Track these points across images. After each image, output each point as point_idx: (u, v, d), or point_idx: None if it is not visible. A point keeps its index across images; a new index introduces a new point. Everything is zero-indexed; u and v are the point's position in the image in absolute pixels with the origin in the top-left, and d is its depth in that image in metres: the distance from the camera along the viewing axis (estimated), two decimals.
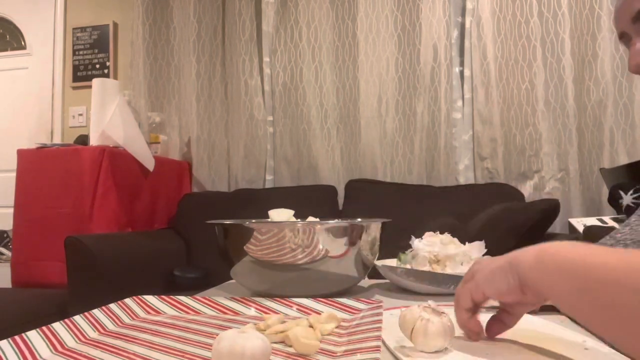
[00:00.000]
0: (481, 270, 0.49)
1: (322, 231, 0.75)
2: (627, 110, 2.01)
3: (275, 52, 2.47)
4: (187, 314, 0.68)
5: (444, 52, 2.23)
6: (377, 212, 1.89)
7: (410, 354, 0.48)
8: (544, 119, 2.11)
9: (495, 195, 1.98)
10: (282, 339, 0.53)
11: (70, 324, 0.56)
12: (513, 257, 0.46)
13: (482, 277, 0.49)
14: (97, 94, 1.98)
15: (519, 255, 0.46)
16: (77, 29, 2.84)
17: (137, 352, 0.50)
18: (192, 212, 2.22)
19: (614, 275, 0.35)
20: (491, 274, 0.48)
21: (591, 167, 2.07)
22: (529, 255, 0.45)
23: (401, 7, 2.32)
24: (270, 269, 0.76)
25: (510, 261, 0.46)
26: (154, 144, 2.43)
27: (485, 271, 0.48)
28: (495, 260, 0.48)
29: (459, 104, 2.25)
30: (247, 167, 2.47)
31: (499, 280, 0.47)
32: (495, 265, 0.48)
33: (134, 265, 1.74)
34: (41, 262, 1.82)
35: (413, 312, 0.50)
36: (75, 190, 1.82)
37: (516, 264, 0.45)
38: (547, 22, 2.13)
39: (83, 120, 2.80)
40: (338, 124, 2.40)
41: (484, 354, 0.48)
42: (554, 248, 0.43)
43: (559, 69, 2.11)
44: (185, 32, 2.53)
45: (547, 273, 0.42)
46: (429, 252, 0.86)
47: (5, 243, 2.45)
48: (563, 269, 0.40)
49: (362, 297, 0.72)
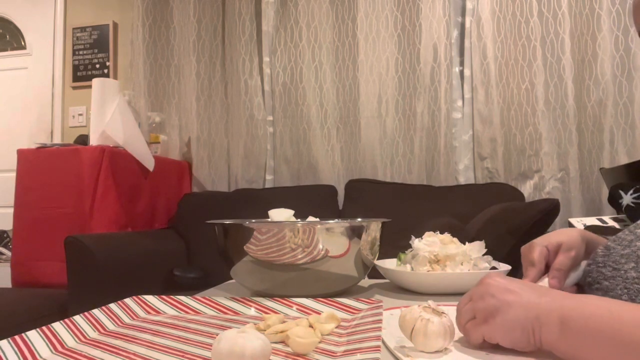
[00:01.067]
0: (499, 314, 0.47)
1: (322, 231, 0.75)
2: (627, 110, 2.01)
3: (275, 52, 2.47)
4: (187, 314, 0.68)
5: (444, 52, 2.23)
6: (377, 212, 1.89)
7: (410, 354, 0.48)
8: (544, 119, 2.11)
9: (495, 195, 1.97)
10: (282, 339, 0.53)
11: (70, 324, 0.56)
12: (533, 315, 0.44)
13: (499, 328, 0.47)
14: (97, 94, 1.98)
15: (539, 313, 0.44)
16: (77, 29, 2.84)
17: (137, 352, 0.50)
18: (192, 212, 2.22)
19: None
20: (511, 330, 0.46)
21: (591, 167, 2.07)
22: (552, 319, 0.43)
23: (401, 7, 2.32)
24: (270, 269, 0.76)
25: (532, 321, 0.44)
26: (154, 144, 2.43)
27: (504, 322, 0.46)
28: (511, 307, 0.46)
29: (459, 104, 2.25)
30: (247, 167, 2.47)
31: (518, 339, 0.46)
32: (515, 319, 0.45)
33: (134, 265, 1.74)
34: (41, 262, 1.82)
35: (413, 312, 0.50)
36: (75, 190, 1.81)
37: (538, 326, 0.44)
38: (547, 22, 2.13)
39: (83, 120, 2.80)
40: (338, 124, 2.40)
41: (484, 354, 0.48)
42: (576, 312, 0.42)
43: (559, 69, 2.11)
44: (185, 32, 2.53)
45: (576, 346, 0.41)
46: (429, 252, 0.86)
47: (5, 243, 2.45)
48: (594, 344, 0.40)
49: (362, 297, 0.72)
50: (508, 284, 0.48)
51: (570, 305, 0.43)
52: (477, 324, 0.49)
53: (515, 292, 0.47)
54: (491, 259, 0.88)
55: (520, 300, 0.46)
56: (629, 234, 0.57)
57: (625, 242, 0.56)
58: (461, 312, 0.51)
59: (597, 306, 0.42)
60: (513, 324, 0.46)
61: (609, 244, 0.58)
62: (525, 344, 0.45)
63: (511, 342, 0.46)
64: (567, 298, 0.45)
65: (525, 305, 0.46)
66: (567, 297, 0.45)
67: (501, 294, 0.47)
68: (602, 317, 0.40)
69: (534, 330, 0.44)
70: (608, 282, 0.56)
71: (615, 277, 0.55)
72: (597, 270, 0.58)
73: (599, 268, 0.57)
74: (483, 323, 0.48)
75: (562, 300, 0.44)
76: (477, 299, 0.49)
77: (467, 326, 0.50)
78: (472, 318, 0.50)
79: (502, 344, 0.47)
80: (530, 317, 0.45)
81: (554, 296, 0.46)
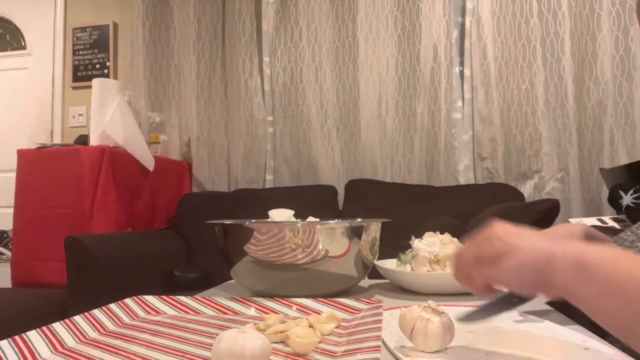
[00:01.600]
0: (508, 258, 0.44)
1: (322, 231, 0.75)
2: (627, 110, 2.01)
3: (275, 52, 2.47)
4: (187, 314, 0.68)
5: (444, 52, 2.23)
6: (377, 212, 1.89)
7: (410, 353, 0.48)
8: (544, 119, 2.11)
9: (495, 195, 1.97)
10: (282, 339, 0.53)
11: (70, 324, 0.56)
12: (545, 259, 0.42)
13: (507, 272, 0.44)
14: (97, 94, 1.98)
15: (552, 258, 0.41)
16: (77, 29, 2.84)
17: (137, 352, 0.50)
18: (192, 212, 2.22)
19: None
20: (519, 273, 0.43)
21: (591, 167, 2.07)
22: (565, 263, 0.40)
23: (401, 7, 2.32)
24: (270, 269, 0.76)
25: (543, 264, 0.42)
26: (154, 144, 2.43)
27: (513, 265, 0.44)
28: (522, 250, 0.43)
29: (459, 104, 2.25)
30: (247, 167, 2.47)
31: (526, 281, 0.43)
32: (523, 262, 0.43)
33: (134, 265, 1.74)
34: (41, 262, 1.82)
35: (413, 312, 0.50)
36: (75, 190, 1.81)
37: (550, 268, 0.41)
38: (547, 22, 2.13)
39: (83, 120, 2.80)
40: (338, 124, 2.40)
41: (484, 353, 0.48)
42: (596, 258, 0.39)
43: (559, 69, 2.11)
44: (185, 32, 2.53)
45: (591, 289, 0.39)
46: (429, 252, 0.86)
47: (5, 243, 2.45)
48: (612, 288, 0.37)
49: (362, 297, 0.72)
50: (517, 229, 0.46)
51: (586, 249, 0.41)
52: (481, 267, 0.46)
53: (526, 237, 0.45)
54: None
55: (532, 244, 0.44)
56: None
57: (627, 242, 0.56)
58: (463, 254, 0.49)
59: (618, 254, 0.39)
60: (523, 267, 0.43)
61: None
62: (533, 287, 0.44)
63: (518, 285, 0.45)
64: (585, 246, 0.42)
65: (537, 249, 0.43)
66: (584, 246, 0.42)
67: (511, 238, 0.45)
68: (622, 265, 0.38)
69: (546, 271, 0.42)
70: None
71: None
72: None
73: None
74: (489, 265, 0.45)
75: (580, 247, 0.41)
76: (483, 242, 0.47)
77: (469, 268, 0.47)
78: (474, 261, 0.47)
79: (507, 287, 0.45)
80: (542, 260, 0.42)
81: (570, 243, 0.43)
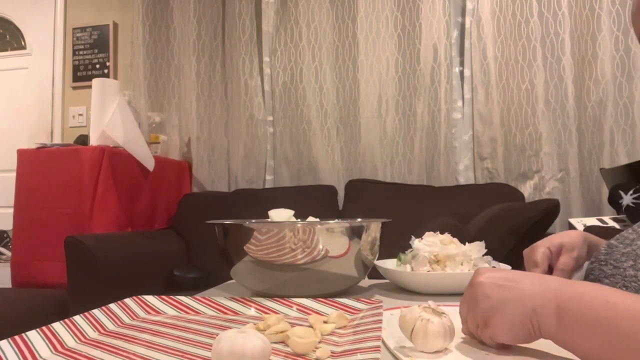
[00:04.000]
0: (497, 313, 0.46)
1: (322, 231, 0.75)
2: (627, 110, 2.01)
3: (275, 52, 2.47)
4: (187, 314, 0.68)
5: (444, 52, 2.23)
6: (377, 212, 1.89)
7: (411, 354, 0.48)
8: (544, 119, 2.11)
9: (495, 195, 1.97)
10: (282, 339, 0.53)
11: (70, 324, 0.56)
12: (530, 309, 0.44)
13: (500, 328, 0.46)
14: (97, 94, 1.98)
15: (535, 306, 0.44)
16: (77, 29, 2.84)
17: (137, 352, 0.50)
18: (192, 212, 2.22)
19: None
20: (511, 327, 0.45)
21: (591, 167, 2.07)
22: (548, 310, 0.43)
23: (401, 7, 2.32)
24: (270, 269, 0.76)
25: (530, 316, 0.44)
26: (154, 144, 2.43)
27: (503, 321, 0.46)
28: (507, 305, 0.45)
29: (459, 104, 2.25)
30: (247, 167, 2.47)
31: (520, 334, 0.45)
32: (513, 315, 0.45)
33: (134, 265, 1.74)
34: (41, 262, 1.82)
35: (413, 312, 0.50)
36: (75, 190, 1.81)
37: (535, 318, 0.44)
38: (547, 22, 2.13)
39: (83, 120, 2.80)
40: (338, 124, 2.40)
41: (484, 354, 0.48)
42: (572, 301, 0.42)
43: (559, 69, 2.11)
44: (185, 32, 2.53)
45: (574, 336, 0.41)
46: (429, 252, 0.86)
47: (5, 243, 2.45)
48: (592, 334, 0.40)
49: (362, 297, 0.72)
50: (499, 279, 0.47)
51: (566, 294, 0.43)
52: (481, 329, 0.48)
53: (509, 287, 0.46)
54: (491, 259, 0.88)
55: (515, 295, 0.45)
56: (632, 233, 0.57)
57: (628, 240, 0.56)
58: (466, 321, 0.51)
59: (593, 296, 0.41)
60: (512, 321, 0.45)
61: (612, 242, 0.59)
62: (527, 338, 0.45)
63: (514, 339, 0.46)
64: (562, 286, 0.44)
65: (520, 299, 0.45)
66: (562, 285, 0.44)
67: (495, 293, 0.47)
68: (597, 307, 0.40)
69: (532, 323, 0.44)
70: (608, 279, 0.56)
71: (615, 275, 0.55)
72: (599, 267, 0.58)
73: (601, 266, 0.58)
74: (485, 327, 0.48)
75: (557, 289, 0.43)
76: (473, 304, 0.49)
77: (477, 333, 0.49)
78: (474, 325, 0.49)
79: (506, 342, 0.47)
80: (527, 311, 0.44)
81: (548, 284, 0.45)
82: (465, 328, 0.52)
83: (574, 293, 0.43)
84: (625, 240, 0.57)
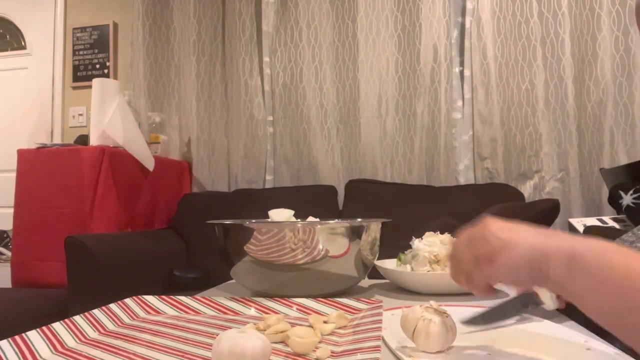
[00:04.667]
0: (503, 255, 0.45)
1: (322, 231, 0.75)
2: (627, 110, 2.01)
3: (275, 52, 2.47)
4: (187, 314, 0.68)
5: (444, 52, 2.23)
6: (377, 212, 1.88)
7: (412, 354, 0.48)
8: (544, 119, 2.11)
9: (495, 195, 1.97)
10: (282, 339, 0.52)
11: (70, 324, 0.56)
12: (540, 252, 0.43)
13: (503, 268, 0.45)
14: (97, 94, 1.98)
15: (546, 253, 0.42)
16: (77, 29, 2.84)
17: (137, 352, 0.50)
18: (192, 212, 2.22)
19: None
20: (516, 268, 0.44)
21: (591, 167, 2.07)
22: (559, 257, 0.41)
23: (401, 7, 2.32)
24: (270, 269, 0.76)
25: (537, 260, 0.43)
26: (154, 144, 2.43)
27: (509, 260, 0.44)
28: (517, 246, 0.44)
29: (459, 104, 2.25)
30: (247, 167, 2.47)
31: (523, 277, 0.44)
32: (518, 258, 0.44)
33: (134, 265, 1.74)
34: (41, 262, 1.82)
35: (415, 313, 0.50)
36: (75, 190, 1.81)
37: (545, 262, 0.42)
38: (547, 22, 2.13)
39: (83, 120, 2.80)
40: (338, 124, 2.39)
41: (485, 354, 0.48)
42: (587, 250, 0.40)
43: (559, 69, 2.11)
44: (185, 32, 2.53)
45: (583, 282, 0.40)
46: (429, 252, 0.86)
47: (5, 243, 2.45)
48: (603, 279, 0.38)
49: (362, 297, 0.72)
50: (511, 225, 0.47)
51: (581, 243, 0.41)
52: (478, 266, 0.47)
53: (520, 232, 0.45)
54: None
55: (527, 238, 0.44)
56: (632, 236, 0.57)
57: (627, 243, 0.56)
58: (461, 257, 0.49)
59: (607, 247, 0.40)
60: (519, 262, 0.44)
61: None
62: (530, 281, 0.45)
63: (515, 279, 0.45)
64: (577, 239, 0.43)
65: (532, 243, 0.44)
66: (577, 239, 0.43)
67: (505, 234, 0.46)
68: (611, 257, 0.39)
69: (541, 266, 0.43)
70: None
71: None
72: None
73: None
74: (485, 263, 0.46)
75: (572, 239, 0.42)
76: (478, 241, 0.47)
77: (468, 268, 0.48)
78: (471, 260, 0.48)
79: (505, 282, 0.46)
80: (538, 255, 0.43)
81: (563, 235, 0.44)
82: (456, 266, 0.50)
83: (588, 243, 0.41)
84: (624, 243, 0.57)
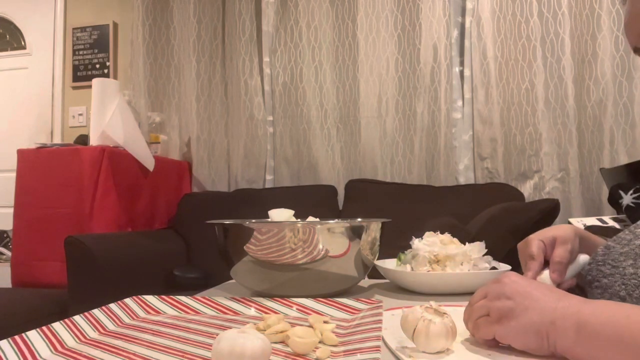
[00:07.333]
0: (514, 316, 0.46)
1: (322, 231, 0.75)
2: (627, 110, 2.01)
3: (275, 52, 2.47)
4: (187, 314, 0.68)
5: (444, 52, 2.23)
6: (377, 212, 1.89)
7: (412, 354, 0.48)
8: (544, 119, 2.11)
9: (495, 195, 1.97)
10: (282, 339, 0.52)
11: (70, 324, 0.56)
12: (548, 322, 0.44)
13: (513, 332, 0.46)
14: (97, 94, 1.98)
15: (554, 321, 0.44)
16: (77, 29, 2.84)
17: (137, 352, 0.50)
18: (192, 212, 2.22)
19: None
20: (525, 334, 0.46)
21: (591, 167, 2.07)
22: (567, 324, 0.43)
23: (401, 7, 2.32)
24: (270, 269, 0.76)
25: (547, 327, 0.44)
26: (154, 144, 2.43)
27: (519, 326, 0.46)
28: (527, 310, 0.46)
29: (459, 104, 2.25)
30: (247, 167, 2.47)
31: (532, 343, 0.45)
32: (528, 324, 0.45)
33: (134, 265, 1.74)
34: (41, 262, 1.82)
35: (415, 313, 0.50)
36: (75, 190, 1.81)
37: (552, 333, 0.44)
38: (547, 22, 2.13)
39: (83, 120, 2.80)
40: (338, 124, 2.39)
41: (486, 354, 0.48)
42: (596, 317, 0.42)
43: (559, 69, 2.11)
44: (185, 32, 2.53)
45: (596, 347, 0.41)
46: (429, 252, 0.86)
47: (5, 243, 2.45)
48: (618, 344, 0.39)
49: (362, 297, 0.72)
50: (527, 286, 0.48)
51: (588, 310, 0.43)
52: (490, 322, 0.48)
53: (533, 296, 0.47)
54: (491, 259, 0.88)
55: (537, 305, 0.46)
56: (629, 234, 0.57)
57: (625, 241, 0.56)
58: (474, 307, 0.51)
59: (614, 311, 0.42)
60: (528, 328, 0.45)
61: (609, 243, 0.59)
62: (538, 349, 0.45)
63: (524, 345, 0.46)
64: (584, 303, 0.45)
65: (541, 310, 0.45)
66: (584, 303, 0.45)
67: (519, 297, 0.47)
68: (619, 323, 0.40)
69: (549, 335, 0.44)
70: (607, 279, 0.56)
71: (614, 274, 0.55)
72: (597, 268, 0.58)
73: (599, 266, 0.58)
74: (496, 322, 0.48)
75: (580, 306, 0.44)
76: (493, 298, 0.49)
77: (479, 322, 0.50)
78: (484, 315, 0.49)
79: (514, 346, 0.47)
80: (546, 322, 0.44)
81: (571, 301, 0.45)
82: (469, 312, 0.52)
83: (595, 308, 0.43)
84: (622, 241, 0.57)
